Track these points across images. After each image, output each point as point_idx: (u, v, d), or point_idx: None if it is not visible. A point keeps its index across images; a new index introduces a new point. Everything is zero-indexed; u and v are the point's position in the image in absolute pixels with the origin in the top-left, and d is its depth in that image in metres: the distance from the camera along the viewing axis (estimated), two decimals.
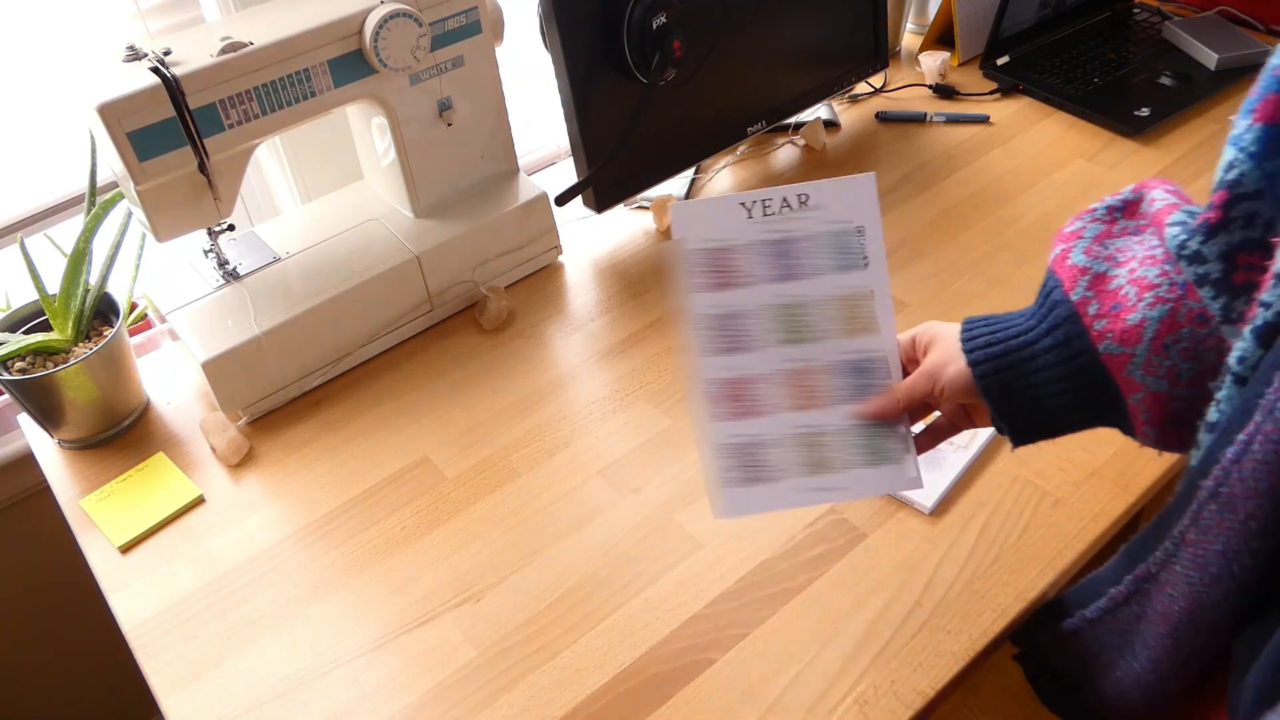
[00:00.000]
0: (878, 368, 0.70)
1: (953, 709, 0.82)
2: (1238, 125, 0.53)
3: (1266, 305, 0.45)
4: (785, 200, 0.69)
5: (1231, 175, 0.53)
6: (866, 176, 0.70)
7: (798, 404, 0.70)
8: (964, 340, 0.66)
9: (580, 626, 0.79)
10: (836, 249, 0.70)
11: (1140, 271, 0.58)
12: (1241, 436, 0.46)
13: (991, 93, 1.40)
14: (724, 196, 0.70)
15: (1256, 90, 0.52)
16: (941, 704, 0.74)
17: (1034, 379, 0.62)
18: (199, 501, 0.93)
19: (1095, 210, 0.65)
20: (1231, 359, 0.47)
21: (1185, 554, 0.53)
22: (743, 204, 0.70)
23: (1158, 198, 0.62)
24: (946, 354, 0.66)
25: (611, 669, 0.76)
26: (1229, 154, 0.53)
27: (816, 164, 1.31)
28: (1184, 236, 0.57)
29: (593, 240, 1.21)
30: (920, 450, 0.71)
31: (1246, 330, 0.46)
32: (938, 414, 0.72)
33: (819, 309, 0.70)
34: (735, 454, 0.69)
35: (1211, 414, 0.50)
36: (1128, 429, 0.62)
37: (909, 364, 0.71)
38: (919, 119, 1.36)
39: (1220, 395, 0.49)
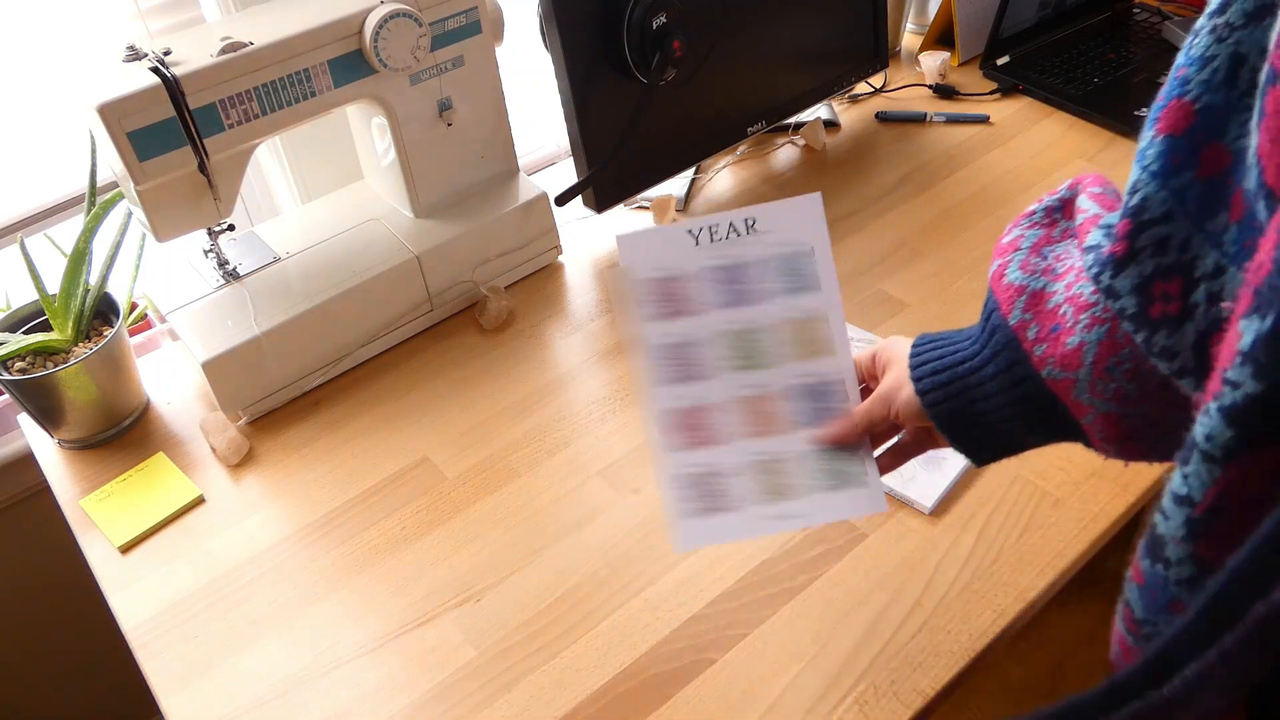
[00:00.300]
0: (835, 391, 0.69)
1: (953, 709, 0.82)
2: (1142, 138, 0.48)
3: (1234, 385, 0.41)
4: (732, 225, 0.69)
5: (1134, 200, 0.48)
6: (812, 197, 0.69)
7: (755, 431, 0.68)
8: (912, 367, 0.63)
9: (580, 626, 0.79)
10: (787, 272, 0.69)
11: (1077, 287, 0.54)
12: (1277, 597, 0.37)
13: (991, 93, 1.40)
14: (670, 225, 0.69)
15: (1160, 96, 0.47)
16: (941, 704, 0.74)
17: (982, 406, 0.60)
18: (199, 501, 0.93)
19: (1034, 214, 0.61)
20: (1198, 434, 0.43)
21: (1215, 685, 0.43)
22: (689, 231, 0.69)
23: (1083, 206, 0.57)
24: (900, 377, 0.64)
25: (611, 669, 0.76)
26: (1134, 173, 0.48)
27: (816, 164, 1.31)
28: (1097, 268, 0.52)
29: (593, 240, 1.21)
30: (884, 471, 0.69)
31: (1213, 407, 0.42)
32: (903, 434, 0.70)
33: (772, 333, 0.69)
34: (692, 484, 0.68)
35: (1179, 486, 0.45)
36: (1087, 444, 0.59)
37: (871, 382, 0.69)
38: (919, 119, 1.36)
39: (1188, 470, 0.46)
